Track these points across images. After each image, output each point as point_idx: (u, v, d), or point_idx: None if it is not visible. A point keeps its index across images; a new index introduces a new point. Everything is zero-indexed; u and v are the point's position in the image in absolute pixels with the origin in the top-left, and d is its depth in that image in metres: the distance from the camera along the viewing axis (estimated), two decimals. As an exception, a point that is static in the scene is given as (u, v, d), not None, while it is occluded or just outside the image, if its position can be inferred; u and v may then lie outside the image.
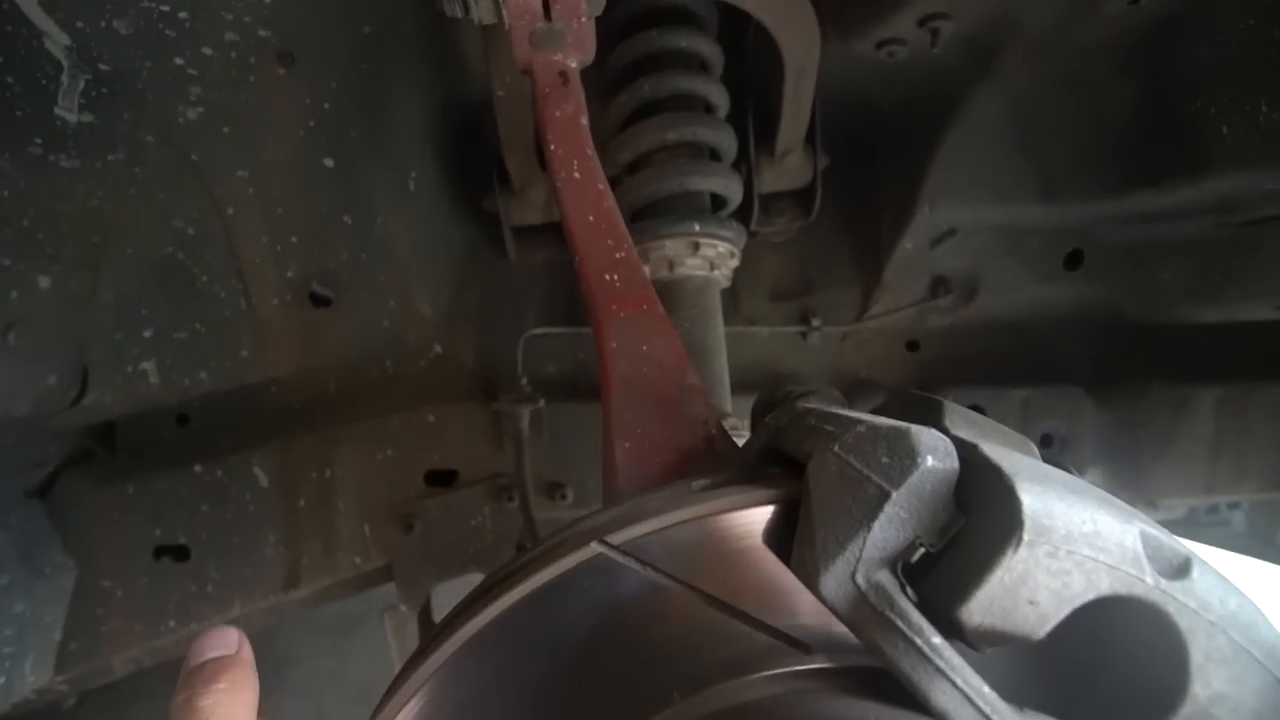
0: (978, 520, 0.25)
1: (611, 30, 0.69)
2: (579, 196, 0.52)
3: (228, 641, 0.34)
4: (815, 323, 0.85)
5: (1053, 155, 0.78)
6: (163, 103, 0.61)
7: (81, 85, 0.57)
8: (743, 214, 0.77)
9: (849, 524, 0.25)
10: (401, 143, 0.74)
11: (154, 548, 0.79)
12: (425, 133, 0.76)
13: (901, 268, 0.84)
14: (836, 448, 0.28)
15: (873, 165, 0.84)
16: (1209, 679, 0.25)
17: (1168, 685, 0.25)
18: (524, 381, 0.74)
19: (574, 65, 0.52)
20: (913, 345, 0.89)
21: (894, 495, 0.25)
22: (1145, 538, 0.25)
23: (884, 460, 0.26)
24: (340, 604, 2.37)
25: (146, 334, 0.72)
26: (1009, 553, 0.23)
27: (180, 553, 0.79)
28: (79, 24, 0.55)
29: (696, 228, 0.62)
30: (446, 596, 0.82)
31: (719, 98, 0.69)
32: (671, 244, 0.62)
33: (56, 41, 0.56)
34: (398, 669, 0.77)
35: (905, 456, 0.25)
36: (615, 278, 0.50)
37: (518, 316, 0.83)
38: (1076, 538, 0.24)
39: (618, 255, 0.50)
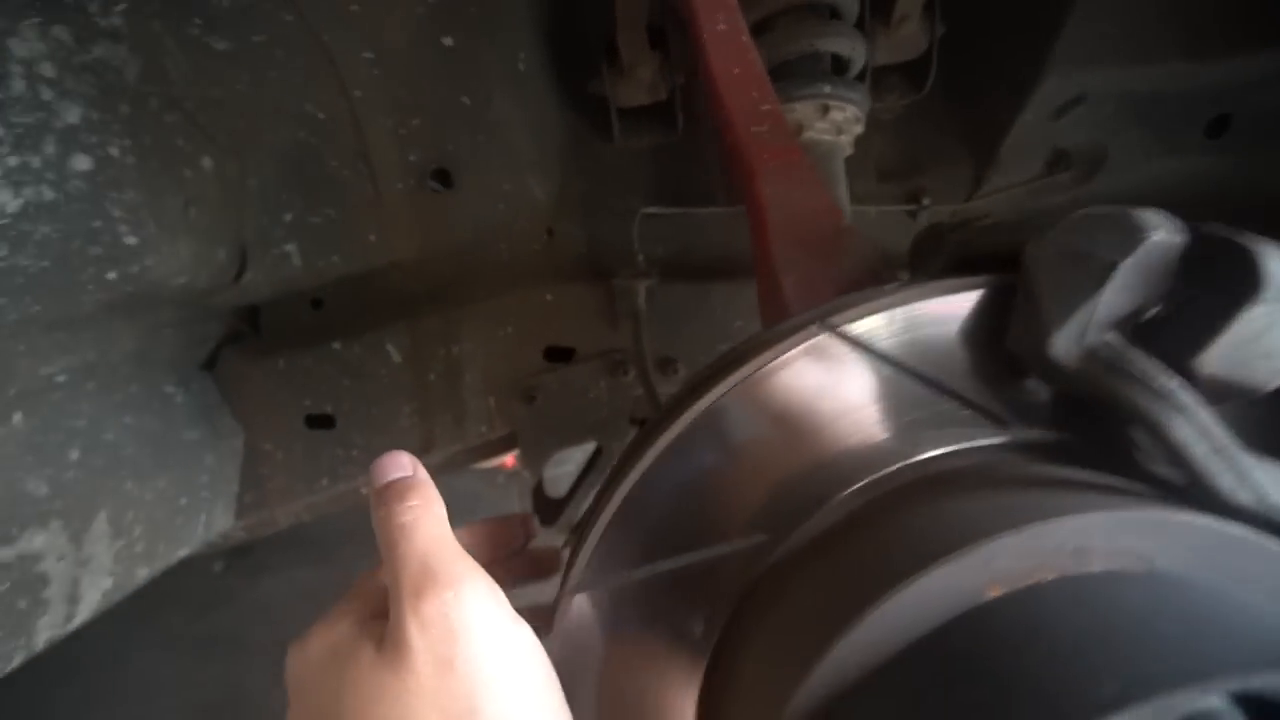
0: (1211, 285, 0.26)
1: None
2: (724, 49, 0.52)
3: (403, 464, 0.36)
4: (925, 201, 0.83)
5: (1203, 3, 0.71)
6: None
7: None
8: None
9: (1076, 292, 0.27)
10: (513, 22, 0.74)
11: (305, 416, 0.88)
12: (534, 12, 0.75)
13: (1019, 142, 0.80)
14: (1054, 233, 0.29)
15: (993, 30, 0.78)
16: None
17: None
18: (640, 258, 0.77)
19: (715, -93, 0.51)
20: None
21: (1121, 265, 0.26)
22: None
23: (1108, 237, 0.27)
24: (441, 485, 2.60)
25: (287, 218, 0.77)
26: (1249, 307, 0.24)
27: (327, 421, 0.88)
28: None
29: (827, 89, 0.61)
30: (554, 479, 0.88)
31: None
32: (801, 107, 0.61)
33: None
34: None
35: (1131, 231, 0.26)
36: (763, 129, 0.50)
37: (625, 200, 0.84)
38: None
39: (764, 108, 0.51)
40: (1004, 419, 0.31)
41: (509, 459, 2.70)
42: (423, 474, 0.36)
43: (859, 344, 0.32)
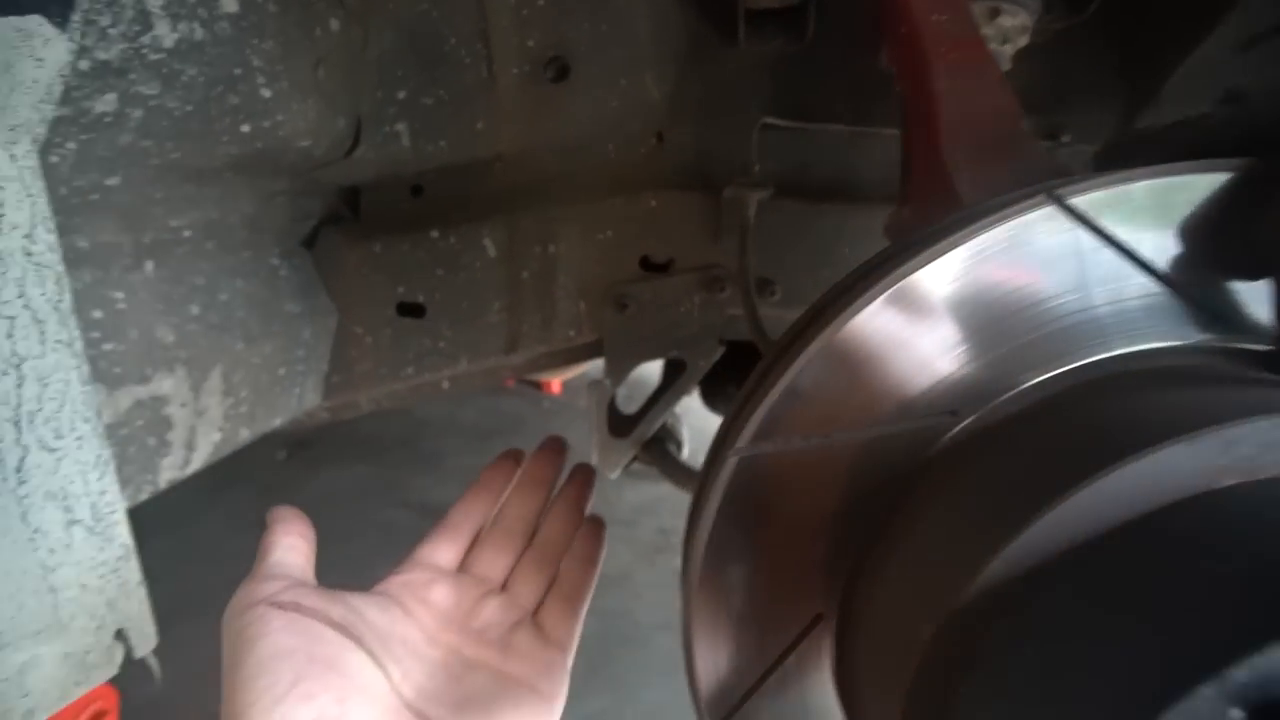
0: None
1: None
2: (910, -74, 0.48)
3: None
4: (1065, 139, 0.78)
5: None
6: None
7: None
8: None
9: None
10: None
11: (396, 303, 0.88)
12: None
13: (1191, 76, 0.73)
14: None
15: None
16: None
17: None
18: (755, 168, 0.74)
19: None
20: None
21: None
22: None
23: None
24: (477, 412, 2.63)
25: (400, 95, 0.75)
26: None
27: (418, 310, 0.89)
28: None
29: (1001, -13, 0.56)
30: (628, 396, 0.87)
31: None
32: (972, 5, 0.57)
33: None
34: (595, 436, 0.85)
35: None
36: (943, 19, 0.47)
37: (742, 109, 0.80)
38: None
39: (946, -6, 0.47)
40: (1226, 318, 0.29)
41: (555, 384, 2.74)
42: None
43: (1088, 221, 0.30)
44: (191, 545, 1.65)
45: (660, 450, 0.98)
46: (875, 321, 0.31)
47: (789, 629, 0.35)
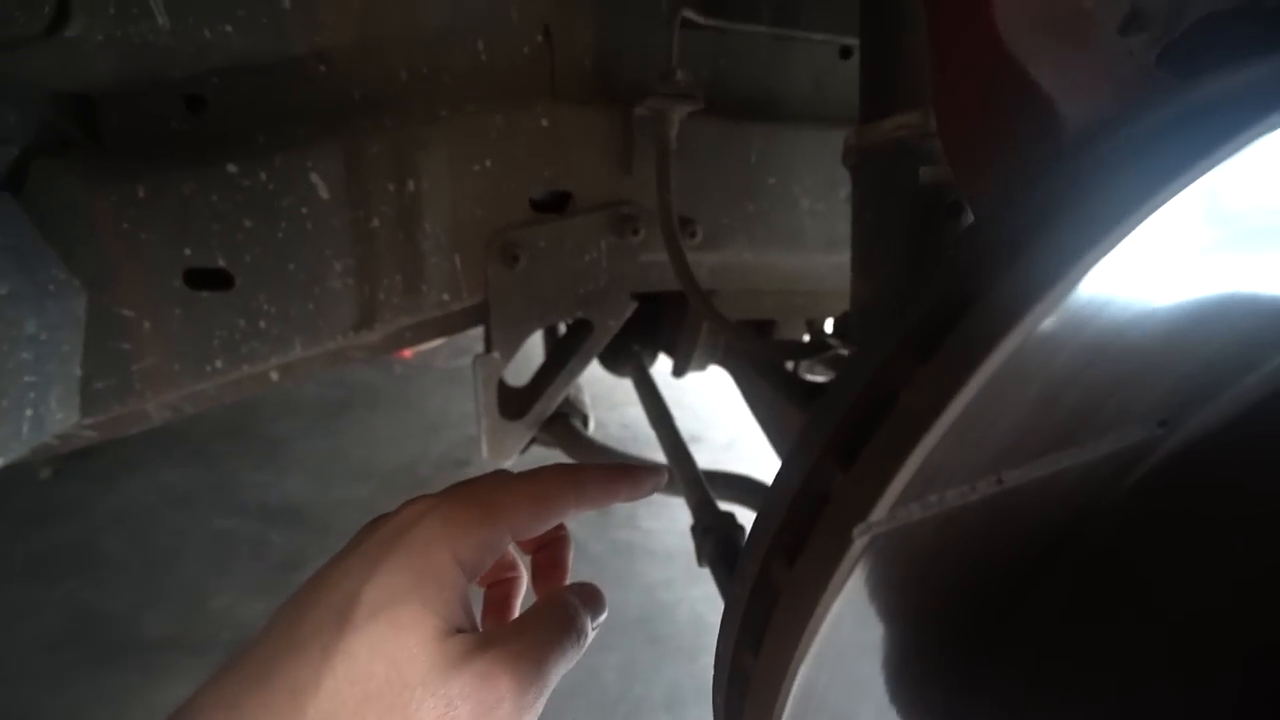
0: None
1: None
2: None
3: None
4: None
5: None
6: None
7: None
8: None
9: None
10: None
11: (184, 271, 0.62)
12: None
13: None
14: None
15: None
16: None
17: None
18: (679, 75, 0.58)
19: None
20: None
21: None
22: None
23: None
24: (319, 389, 2.28)
25: (144, -52, 0.49)
26: None
27: (220, 279, 0.63)
28: None
29: None
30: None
31: None
32: None
33: None
34: (483, 420, 0.65)
35: None
36: None
37: (649, 2, 0.63)
38: None
39: None
40: None
41: (406, 350, 2.43)
42: None
43: None
44: None
45: (564, 428, 0.83)
46: (1079, 305, 0.18)
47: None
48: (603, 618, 0.33)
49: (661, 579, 1.71)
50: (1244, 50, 0.33)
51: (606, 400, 2.25)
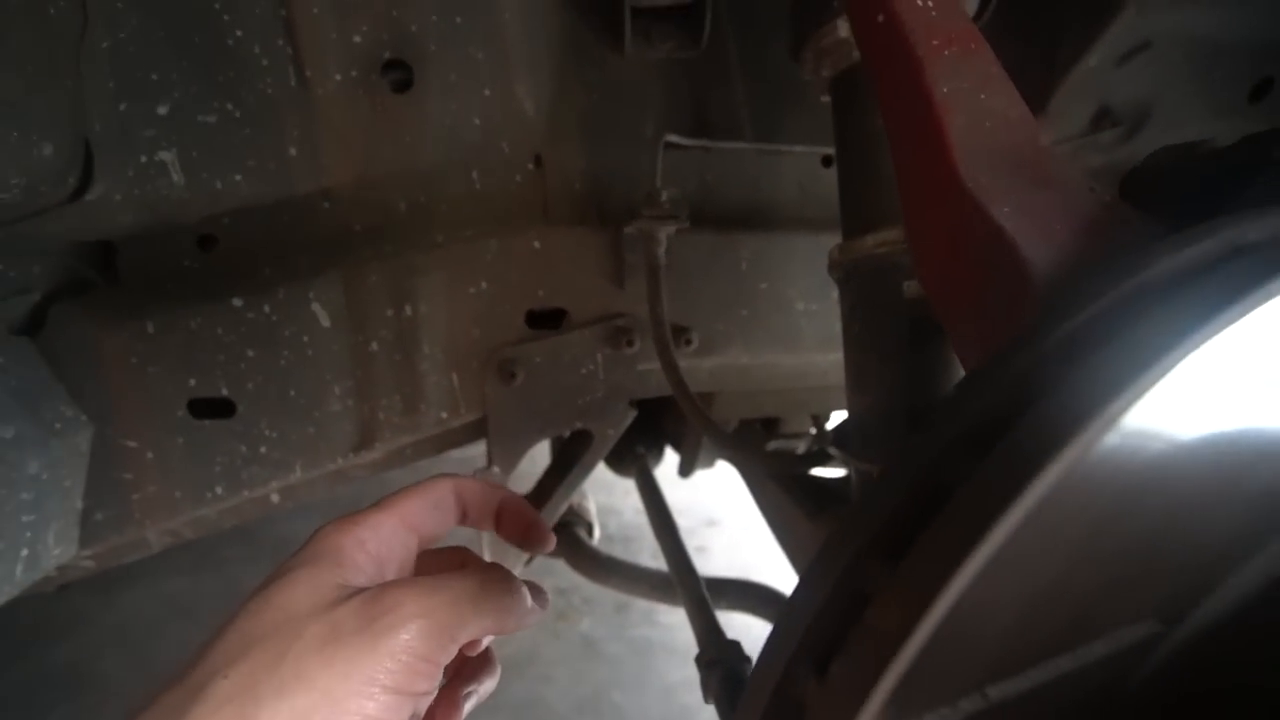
0: None
1: None
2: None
3: None
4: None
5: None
6: None
7: None
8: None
9: None
10: None
11: (188, 401, 0.64)
12: None
13: (1073, 92, 0.72)
14: None
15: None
16: None
17: None
18: (664, 196, 0.60)
19: None
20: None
21: None
22: None
23: None
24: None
25: (161, 110, 0.53)
26: None
27: (222, 407, 0.64)
28: None
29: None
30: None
31: None
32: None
33: None
34: (485, 539, 0.63)
35: None
36: (930, 4, 0.36)
37: (635, 125, 0.67)
38: None
39: (936, -23, 0.36)
40: None
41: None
42: None
43: None
44: None
45: (569, 538, 0.81)
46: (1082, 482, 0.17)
47: None
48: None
49: (682, 679, 1.62)
50: (1199, 186, 0.33)
51: (623, 486, 2.21)
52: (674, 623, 1.83)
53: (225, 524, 0.73)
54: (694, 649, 0.66)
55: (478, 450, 0.74)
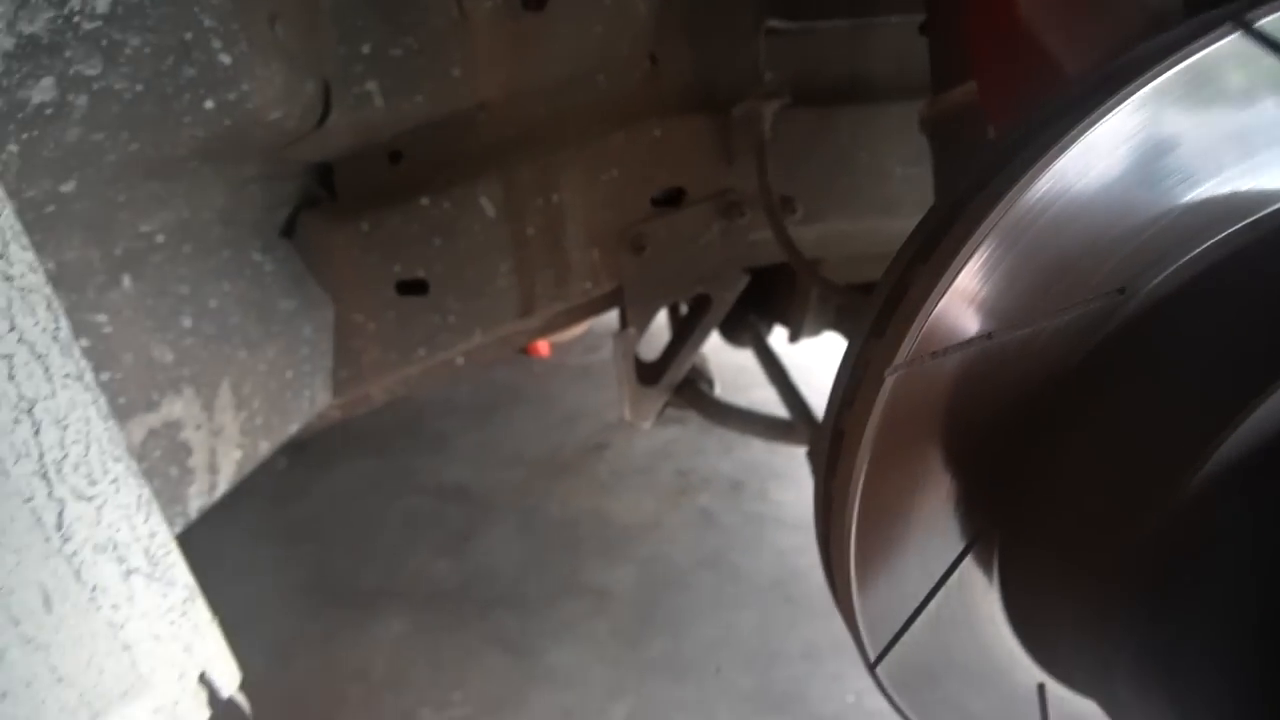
0: None
1: None
2: None
3: None
4: None
5: None
6: None
7: None
8: None
9: None
10: None
11: (395, 282, 0.82)
12: None
13: None
14: None
15: None
16: None
17: None
18: (766, 77, 0.68)
19: None
20: None
21: None
22: None
23: None
24: (472, 388, 2.59)
25: (365, 50, 0.67)
26: None
27: (420, 286, 0.83)
28: None
29: None
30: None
31: None
32: None
33: None
34: (624, 388, 0.81)
35: None
36: None
37: (737, 14, 0.74)
38: None
39: None
40: None
41: (543, 347, 2.69)
42: None
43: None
44: (222, 568, 1.61)
45: (694, 392, 0.96)
46: (1033, 200, 0.27)
47: (950, 550, 0.33)
48: None
49: (793, 545, 1.79)
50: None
51: (732, 384, 2.36)
52: (784, 499, 1.99)
53: (425, 384, 0.94)
54: (804, 523, 0.76)
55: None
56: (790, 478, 1.99)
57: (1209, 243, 0.27)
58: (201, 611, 0.44)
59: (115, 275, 0.55)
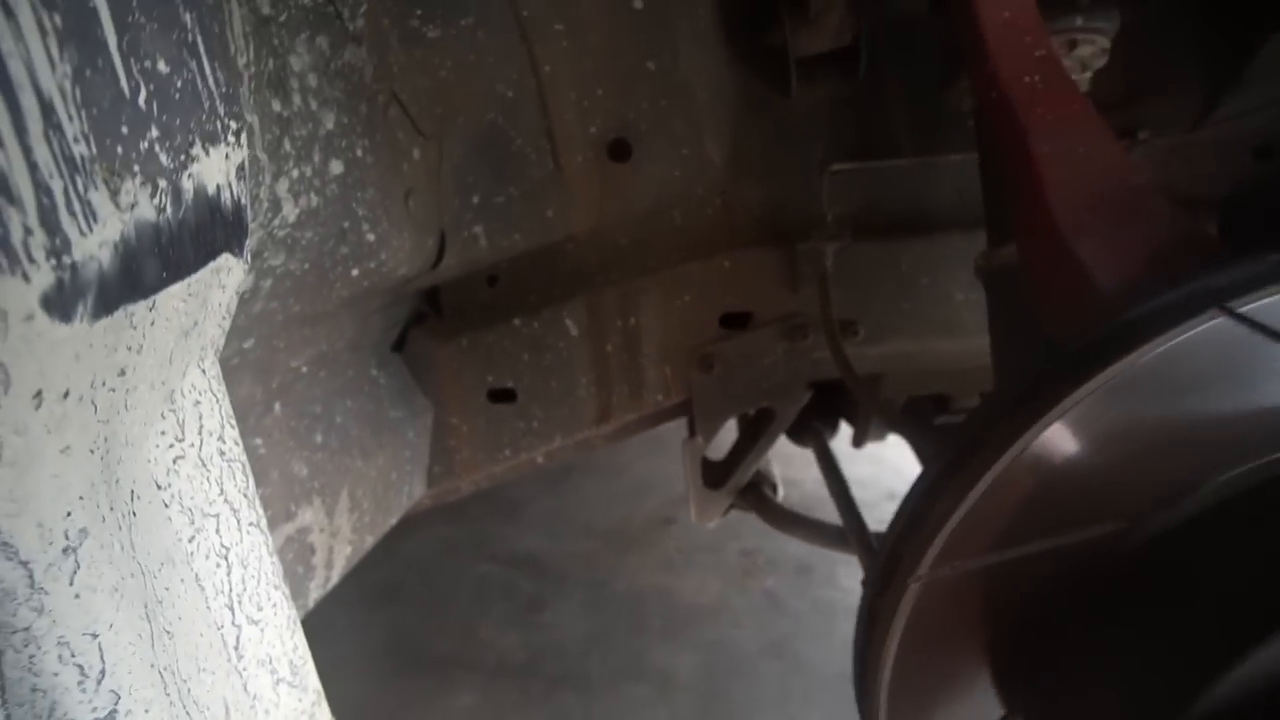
0: None
1: None
2: (990, -9, 0.48)
3: None
4: (1141, 135, 0.76)
5: None
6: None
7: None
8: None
9: None
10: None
11: (487, 391, 0.91)
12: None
13: (1274, 54, 0.71)
14: None
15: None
16: None
17: None
18: (829, 218, 0.74)
19: None
20: (1263, 152, 0.78)
21: None
22: None
23: None
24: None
25: (475, 200, 0.78)
26: None
27: (509, 395, 0.91)
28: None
29: (1079, 21, 0.55)
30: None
31: None
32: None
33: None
34: (691, 490, 0.86)
35: None
36: (1037, 79, 0.46)
37: (804, 157, 0.81)
38: None
39: (1038, 54, 0.46)
40: None
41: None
42: None
43: (1265, 330, 0.29)
44: (308, 629, 1.72)
45: (757, 495, 0.99)
46: (1047, 441, 0.31)
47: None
48: None
49: (863, 638, 1.73)
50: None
51: (802, 458, 2.34)
52: (854, 586, 1.94)
53: (507, 477, 1.02)
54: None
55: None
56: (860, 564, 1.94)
57: (1218, 480, 0.30)
58: (326, 713, 0.51)
59: (270, 404, 0.65)
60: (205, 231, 0.34)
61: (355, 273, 0.61)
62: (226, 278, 0.37)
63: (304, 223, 0.53)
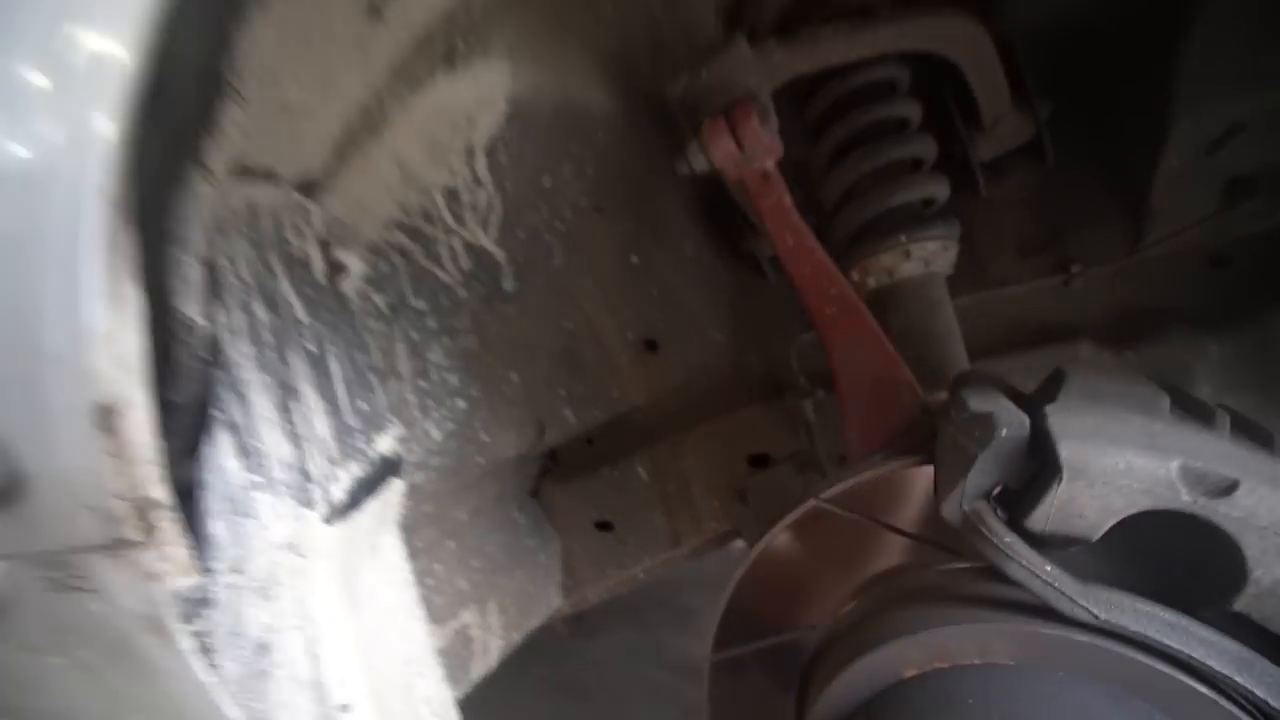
0: (1040, 466, 0.39)
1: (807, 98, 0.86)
2: (797, 257, 0.72)
3: None
4: (1074, 268, 0.86)
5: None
6: (543, 260, 1.01)
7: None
8: (969, 185, 0.84)
9: (955, 474, 0.42)
10: (676, 226, 1.03)
11: (594, 523, 1.24)
12: (691, 212, 1.04)
13: (1174, 184, 0.78)
14: (950, 428, 0.44)
15: (1104, 93, 0.80)
16: (1270, 568, 0.35)
17: (1228, 574, 0.36)
18: (801, 380, 0.96)
19: (770, 165, 0.72)
20: (1222, 260, 0.82)
21: (980, 455, 0.41)
22: (1185, 470, 0.36)
23: (975, 434, 0.42)
24: (715, 562, 2.85)
25: (561, 393, 1.16)
26: (1054, 488, 0.38)
27: (608, 526, 1.23)
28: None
29: (903, 238, 0.75)
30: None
31: (911, 111, 0.80)
32: (886, 256, 0.76)
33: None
34: None
35: (986, 432, 0.41)
36: (833, 310, 0.69)
37: (788, 327, 1.04)
38: (1110, 474, 0.37)
39: (832, 292, 0.69)
40: (955, 550, 0.45)
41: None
42: None
43: (844, 507, 0.50)
44: (502, 714, 2.10)
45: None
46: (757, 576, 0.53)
47: None
48: None
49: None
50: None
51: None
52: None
53: (623, 586, 1.31)
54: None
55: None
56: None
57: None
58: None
59: (443, 542, 1.06)
60: (382, 471, 0.73)
61: (480, 460, 1.00)
62: (394, 492, 0.76)
63: (447, 439, 0.94)
